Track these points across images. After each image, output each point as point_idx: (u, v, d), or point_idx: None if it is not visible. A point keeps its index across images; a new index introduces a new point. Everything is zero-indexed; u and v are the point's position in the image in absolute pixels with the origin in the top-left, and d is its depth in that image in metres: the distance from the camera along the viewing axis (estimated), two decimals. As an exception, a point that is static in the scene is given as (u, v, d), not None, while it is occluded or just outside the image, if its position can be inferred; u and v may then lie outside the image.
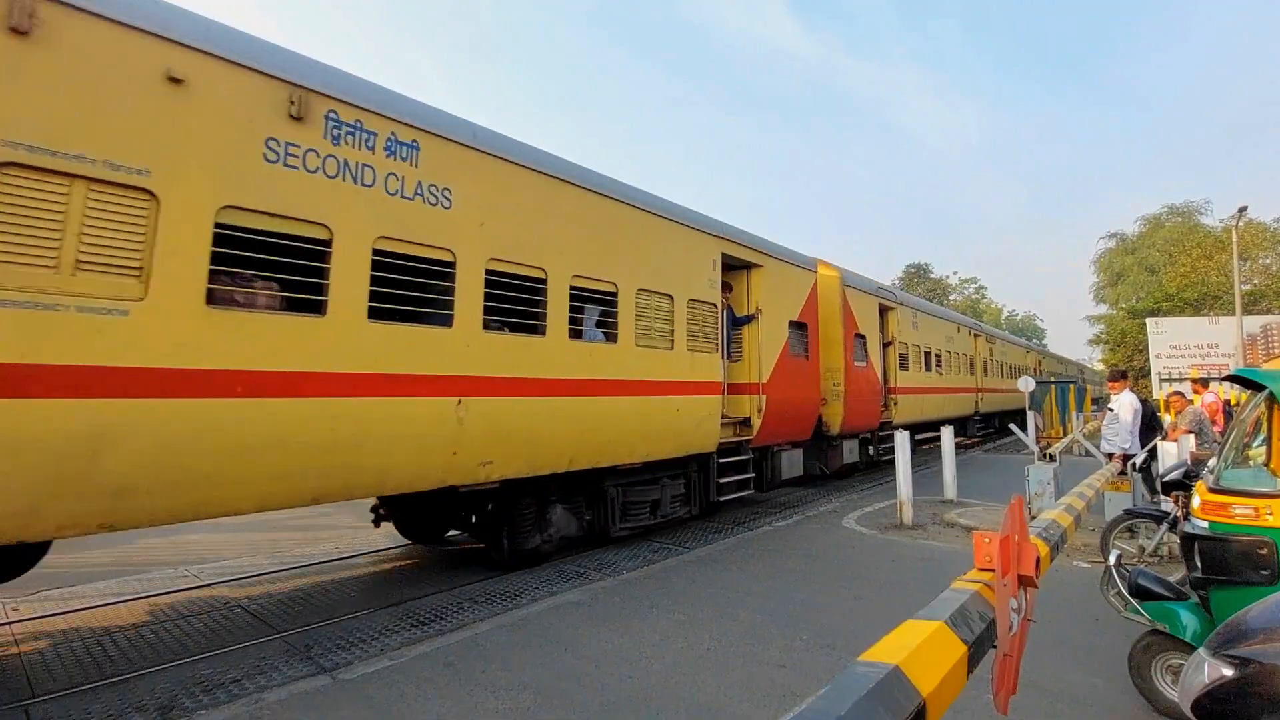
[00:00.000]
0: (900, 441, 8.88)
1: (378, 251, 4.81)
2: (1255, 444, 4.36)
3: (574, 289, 6.48)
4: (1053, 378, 28.51)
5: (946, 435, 10.57)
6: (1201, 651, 2.30)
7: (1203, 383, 13.96)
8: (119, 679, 4.26)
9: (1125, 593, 3.65)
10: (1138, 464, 7.88)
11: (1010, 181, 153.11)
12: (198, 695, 4.03)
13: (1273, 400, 3.94)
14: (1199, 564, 3.62)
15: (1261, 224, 35.36)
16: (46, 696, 4.03)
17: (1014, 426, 12.67)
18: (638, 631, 4.83)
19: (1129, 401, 8.55)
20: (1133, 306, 39.33)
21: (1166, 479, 5.37)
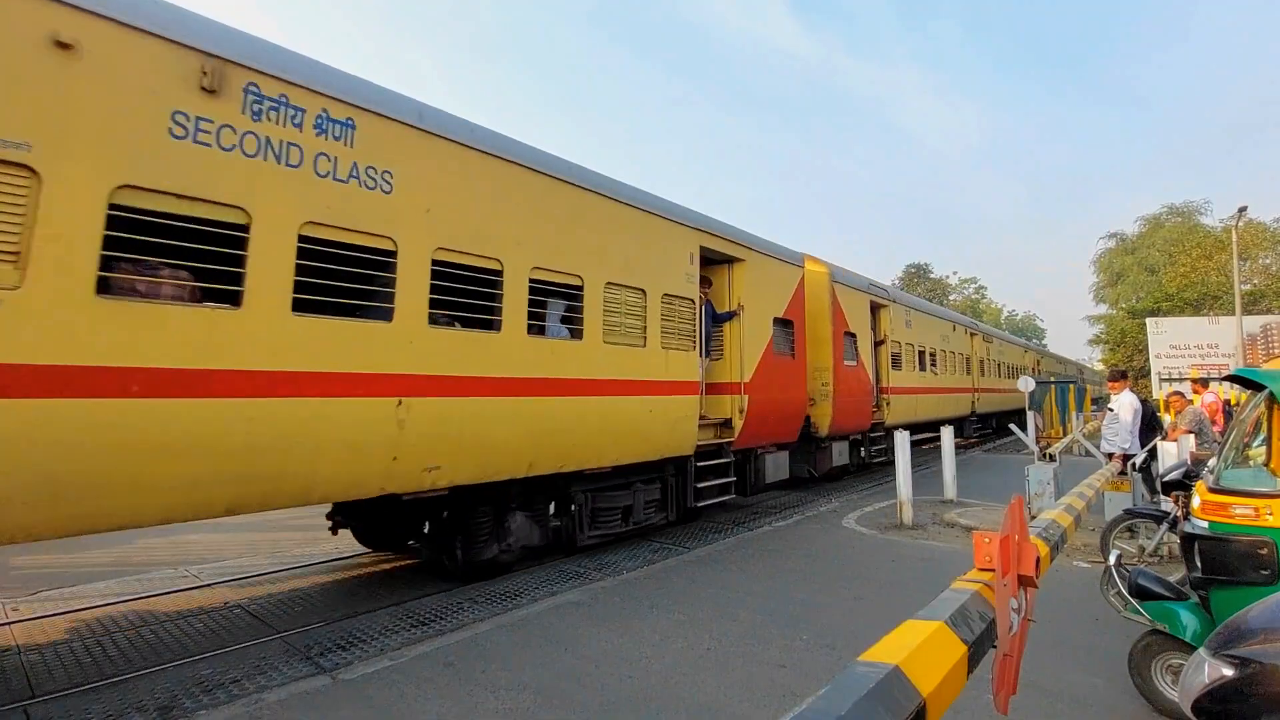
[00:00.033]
0: (900, 441, 8.87)
1: (304, 238, 4.41)
2: (1255, 444, 4.36)
3: (534, 282, 6.06)
4: (1052, 377, 28.54)
5: (947, 435, 10.59)
6: (1202, 652, 2.31)
7: (1202, 383, 14.00)
8: (119, 679, 4.26)
9: (1125, 593, 3.65)
10: (1138, 464, 7.89)
11: (1010, 181, 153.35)
12: (198, 695, 4.03)
13: (1273, 400, 3.94)
14: (1199, 564, 3.63)
15: (1261, 224, 35.40)
16: (46, 696, 4.03)
17: (1014, 426, 12.63)
18: (638, 631, 4.83)
19: (1129, 401, 8.56)
20: (1133, 306, 39.36)
21: (1166, 479, 5.38)
